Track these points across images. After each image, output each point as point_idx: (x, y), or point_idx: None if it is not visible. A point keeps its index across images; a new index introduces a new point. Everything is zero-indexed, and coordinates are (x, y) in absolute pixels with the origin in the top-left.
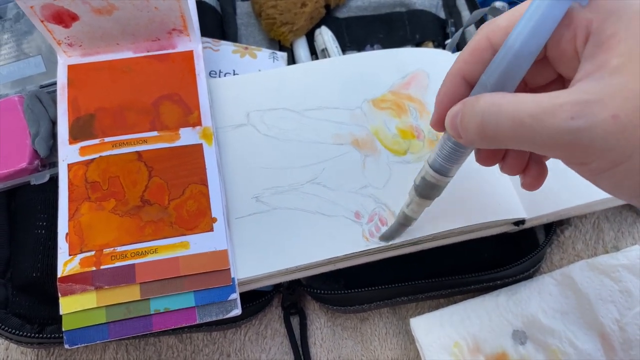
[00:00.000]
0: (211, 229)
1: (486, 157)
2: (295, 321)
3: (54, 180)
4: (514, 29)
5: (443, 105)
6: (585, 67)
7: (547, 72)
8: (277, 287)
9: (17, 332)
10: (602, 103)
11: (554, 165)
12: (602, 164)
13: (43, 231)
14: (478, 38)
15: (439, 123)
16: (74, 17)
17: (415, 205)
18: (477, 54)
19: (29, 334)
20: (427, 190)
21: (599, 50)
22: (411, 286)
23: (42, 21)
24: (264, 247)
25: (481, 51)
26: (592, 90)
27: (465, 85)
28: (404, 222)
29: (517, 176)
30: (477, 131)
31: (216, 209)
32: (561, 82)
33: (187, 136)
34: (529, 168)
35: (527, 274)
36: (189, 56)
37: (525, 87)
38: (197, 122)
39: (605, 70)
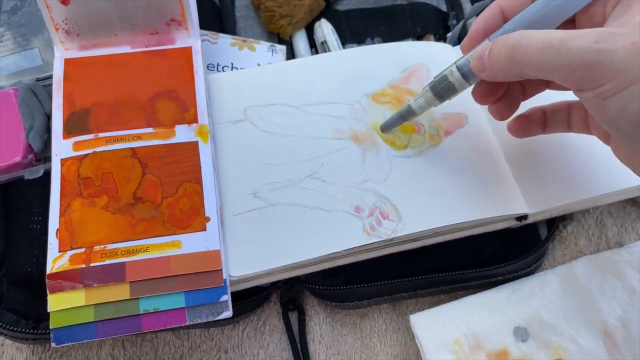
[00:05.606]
0: (204, 229)
1: (483, 93)
2: (293, 317)
3: (49, 175)
4: None
5: (477, 29)
6: (610, 24)
7: None
8: (274, 283)
9: (12, 327)
10: (623, 34)
11: (557, 159)
12: (615, 85)
13: (38, 226)
14: None
15: (468, 47)
16: None
17: (423, 101)
18: None
19: (24, 330)
20: (442, 89)
21: (626, 11)
22: (411, 282)
23: None
24: (262, 244)
25: None
26: (616, 26)
27: (501, 18)
28: (405, 115)
29: (520, 171)
30: (506, 56)
31: (210, 208)
32: None
33: (182, 133)
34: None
35: (528, 269)
36: (187, 52)
37: None
38: (194, 120)
39: (629, 23)
